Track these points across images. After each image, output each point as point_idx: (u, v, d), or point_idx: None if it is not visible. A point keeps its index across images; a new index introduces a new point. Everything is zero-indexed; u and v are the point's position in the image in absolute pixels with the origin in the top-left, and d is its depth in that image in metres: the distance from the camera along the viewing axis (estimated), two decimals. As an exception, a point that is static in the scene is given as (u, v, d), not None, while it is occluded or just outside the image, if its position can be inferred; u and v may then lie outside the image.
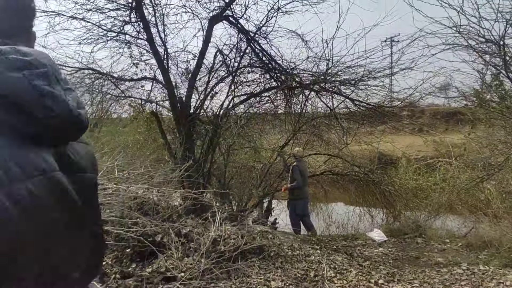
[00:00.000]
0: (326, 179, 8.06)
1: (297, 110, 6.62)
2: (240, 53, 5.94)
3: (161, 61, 5.51)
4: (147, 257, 2.73)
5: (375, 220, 5.98)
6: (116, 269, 2.40)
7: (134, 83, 7.12)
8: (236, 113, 6.14)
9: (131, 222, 2.94)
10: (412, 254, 3.73)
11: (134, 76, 6.50)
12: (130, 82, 7.14)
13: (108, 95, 8.71)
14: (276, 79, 6.20)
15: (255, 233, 3.79)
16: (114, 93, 7.72)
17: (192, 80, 5.72)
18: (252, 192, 7.16)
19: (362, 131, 7.76)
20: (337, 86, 6.07)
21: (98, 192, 0.87)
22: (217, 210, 3.34)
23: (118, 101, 10.03)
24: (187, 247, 2.86)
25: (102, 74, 6.30)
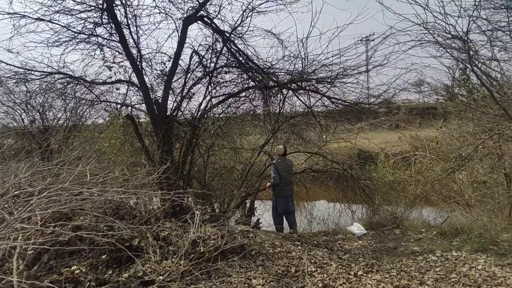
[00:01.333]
0: (307, 177, 8.15)
1: (276, 109, 6.66)
2: (216, 54, 5.91)
3: (135, 63, 5.40)
4: (124, 262, 2.65)
5: (355, 215, 6.10)
6: (91, 276, 2.32)
7: (109, 87, 6.95)
8: (214, 114, 6.11)
9: (106, 228, 2.86)
10: (390, 245, 3.83)
11: (108, 79, 6.33)
12: (104, 86, 6.96)
13: (82, 101, 8.45)
14: (254, 79, 6.21)
15: (236, 232, 3.79)
16: (88, 98, 7.50)
17: (168, 81, 5.63)
18: (233, 192, 7.14)
19: (340, 128, 7.91)
20: (314, 84, 6.15)
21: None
22: (196, 211, 3.29)
23: (93, 106, 9.76)
24: (166, 250, 2.80)
25: (74, 78, 6.08)
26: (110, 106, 8.70)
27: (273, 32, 5.91)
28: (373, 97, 6.53)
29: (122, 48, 5.48)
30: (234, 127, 6.99)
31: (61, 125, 12.06)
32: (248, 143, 8.42)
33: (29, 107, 11.18)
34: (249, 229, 3.96)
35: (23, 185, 2.71)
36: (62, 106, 11.46)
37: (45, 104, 11.38)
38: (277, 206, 5.45)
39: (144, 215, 3.23)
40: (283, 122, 6.91)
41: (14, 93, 10.11)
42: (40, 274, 2.26)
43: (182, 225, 3.43)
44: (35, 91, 8.54)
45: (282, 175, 5.36)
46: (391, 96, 6.64)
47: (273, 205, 5.41)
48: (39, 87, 7.21)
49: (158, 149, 5.18)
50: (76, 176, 3.05)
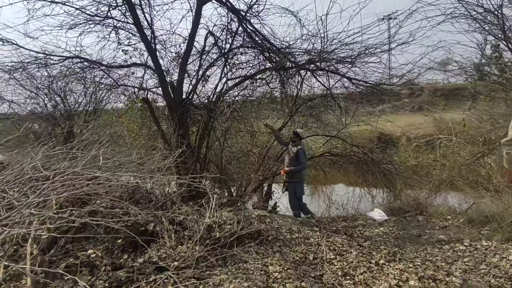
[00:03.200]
0: (326, 161, 7.97)
1: (293, 91, 6.44)
2: (231, 34, 5.71)
3: (150, 45, 5.29)
4: (139, 247, 2.64)
5: (376, 200, 5.91)
6: (107, 260, 2.32)
7: (126, 71, 6.92)
8: (230, 97, 5.98)
9: (122, 212, 2.85)
10: (413, 233, 3.66)
11: (124, 63, 6.29)
12: (121, 70, 6.94)
13: (101, 85, 8.51)
14: (271, 60, 5.99)
15: (253, 217, 3.72)
16: (106, 82, 7.52)
17: (183, 64, 5.52)
18: (250, 176, 7.09)
19: (361, 111, 7.62)
20: (334, 65, 5.87)
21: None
22: (211, 196, 3.23)
23: (111, 90, 9.84)
24: (181, 235, 2.77)
25: (91, 62, 6.07)
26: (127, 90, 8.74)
27: (291, 10, 5.63)
28: (396, 78, 6.18)
29: (136, 30, 5.39)
30: (251, 110, 6.85)
31: (82, 110, 12.29)
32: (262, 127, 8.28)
33: (51, 92, 11.41)
34: (266, 214, 3.88)
35: (38, 168, 2.72)
36: (82, 91, 11.67)
37: (66, 89, 11.60)
38: (297, 191, 5.33)
39: (160, 199, 3.20)
40: (301, 105, 6.69)
41: (36, 78, 10.34)
42: (56, 258, 2.27)
43: (198, 209, 3.40)
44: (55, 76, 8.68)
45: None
46: (415, 76, 6.26)
47: (292, 190, 5.27)
48: (59, 72, 7.31)
49: (174, 133, 5.14)
50: (92, 160, 3.03)
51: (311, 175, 8.51)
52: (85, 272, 2.23)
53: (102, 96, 11.94)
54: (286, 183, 5.26)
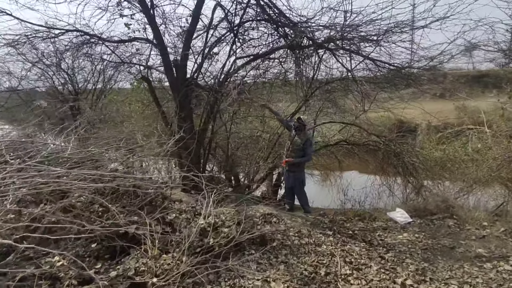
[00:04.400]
0: (341, 149, 7.39)
1: (309, 73, 5.80)
2: (242, 6, 5.09)
3: (150, 15, 4.76)
4: (118, 253, 2.23)
5: (397, 197, 5.35)
6: (73, 272, 1.91)
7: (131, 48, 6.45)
8: (239, 77, 5.41)
9: (102, 209, 2.43)
10: (445, 243, 3.12)
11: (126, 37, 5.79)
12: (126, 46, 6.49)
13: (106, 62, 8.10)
14: (286, 37, 5.35)
15: (257, 216, 3.26)
16: (112, 60, 7.08)
17: (187, 38, 4.98)
18: (259, 164, 6.62)
19: (380, 96, 6.92)
20: (356, 44, 5.18)
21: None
22: (206, 191, 2.77)
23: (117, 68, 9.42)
24: (168, 239, 2.33)
25: (91, 36, 5.61)
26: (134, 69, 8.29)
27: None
28: (426, 60, 5.45)
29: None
30: (261, 93, 6.29)
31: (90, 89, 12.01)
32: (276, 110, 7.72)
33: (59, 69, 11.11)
34: (272, 212, 3.41)
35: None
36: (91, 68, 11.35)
37: (73, 66, 11.29)
38: (304, 182, 4.90)
39: (149, 193, 2.75)
40: (317, 88, 6.07)
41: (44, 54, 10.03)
42: (9, 268, 1.87)
43: (194, 206, 2.95)
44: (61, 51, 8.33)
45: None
46: (448, 59, 5.50)
47: (299, 181, 4.82)
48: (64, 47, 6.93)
49: (175, 115, 4.68)
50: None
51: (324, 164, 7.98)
52: (44, 287, 1.83)
53: (111, 75, 11.59)
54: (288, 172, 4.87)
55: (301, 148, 4.69)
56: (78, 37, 5.76)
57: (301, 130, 4.78)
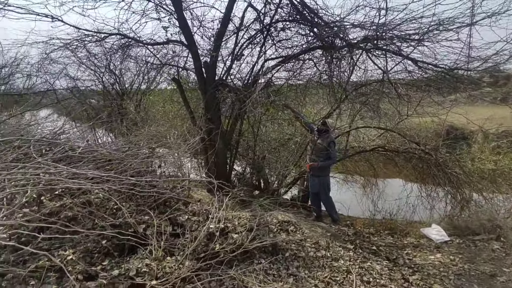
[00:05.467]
0: (377, 156, 6.95)
1: (343, 75, 5.53)
2: (274, 7, 5.00)
3: (182, 18, 4.87)
4: (127, 251, 2.26)
5: (435, 210, 4.87)
6: (80, 267, 1.96)
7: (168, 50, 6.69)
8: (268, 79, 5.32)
9: (116, 207, 2.50)
10: (485, 269, 2.73)
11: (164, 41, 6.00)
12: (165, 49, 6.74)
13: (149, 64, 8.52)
14: (319, 36, 5.16)
15: (273, 223, 3.14)
16: (154, 62, 7.43)
17: (217, 40, 5.00)
18: (288, 168, 6.46)
19: (427, 100, 6.37)
20: (395, 43, 4.83)
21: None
22: (217, 194, 2.72)
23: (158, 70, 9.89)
24: (175, 242, 2.32)
25: (130, 38, 5.91)
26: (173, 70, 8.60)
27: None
28: (478, 61, 4.90)
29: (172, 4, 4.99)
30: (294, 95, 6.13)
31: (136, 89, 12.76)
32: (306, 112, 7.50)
33: (107, 70, 11.96)
34: (291, 220, 3.27)
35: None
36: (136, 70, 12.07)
37: (121, 68, 12.07)
38: (329, 187, 4.72)
39: (163, 194, 2.77)
40: (351, 91, 5.76)
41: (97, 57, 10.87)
42: (22, 259, 1.97)
43: (206, 209, 2.92)
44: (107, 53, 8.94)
45: None
46: (506, 59, 4.90)
47: (323, 186, 4.64)
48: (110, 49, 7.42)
49: (202, 116, 4.72)
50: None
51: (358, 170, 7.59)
52: (52, 279, 1.90)
53: (153, 76, 12.21)
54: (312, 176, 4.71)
55: (324, 151, 4.53)
56: (120, 40, 6.10)
57: (324, 133, 4.60)
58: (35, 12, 4.73)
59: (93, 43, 6.77)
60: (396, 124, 6.57)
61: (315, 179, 4.72)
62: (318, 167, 4.59)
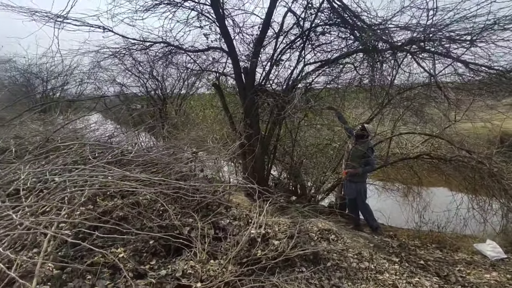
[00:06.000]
0: (421, 164, 6.58)
1: (386, 78, 5.33)
2: (314, 11, 4.96)
3: (223, 26, 5.00)
4: (173, 251, 2.35)
5: (489, 224, 4.49)
6: (131, 265, 2.07)
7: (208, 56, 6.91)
8: (307, 83, 5.28)
9: (163, 208, 2.61)
10: (551, 293, 2.47)
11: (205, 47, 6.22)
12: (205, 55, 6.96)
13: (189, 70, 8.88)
14: (360, 40, 5.03)
15: (314, 231, 3.10)
16: (194, 68, 7.72)
17: (257, 46, 5.07)
18: (326, 174, 6.34)
19: (477, 104, 5.93)
20: (443, 45, 4.58)
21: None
22: (262, 199, 2.73)
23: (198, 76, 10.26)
24: (218, 245, 2.37)
25: (174, 46, 6.19)
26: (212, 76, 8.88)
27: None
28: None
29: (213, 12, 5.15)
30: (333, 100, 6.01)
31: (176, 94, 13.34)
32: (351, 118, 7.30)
33: (151, 76, 12.64)
34: (331, 228, 3.19)
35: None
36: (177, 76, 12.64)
37: (163, 74, 12.70)
38: (365, 194, 4.58)
39: (206, 197, 2.84)
40: (395, 95, 5.53)
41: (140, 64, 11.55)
42: (80, 254, 2.13)
43: (247, 214, 2.95)
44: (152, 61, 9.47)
45: None
46: None
47: (363, 193, 4.51)
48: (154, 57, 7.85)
49: (241, 121, 4.80)
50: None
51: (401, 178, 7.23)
52: (106, 275, 2.03)
53: (193, 81, 12.69)
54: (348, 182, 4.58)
55: (362, 157, 4.41)
56: (164, 47, 6.41)
57: (363, 138, 4.47)
58: (89, 23, 5.13)
59: (138, 51, 7.20)
60: (443, 130, 6.18)
61: (352, 185, 4.63)
62: (355, 174, 4.49)
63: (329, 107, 5.44)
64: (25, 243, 1.93)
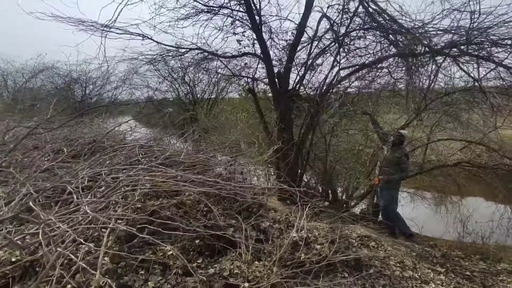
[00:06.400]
0: (461, 172, 6.31)
1: (424, 83, 5.18)
2: (349, 16, 4.95)
3: (259, 32, 5.10)
4: (217, 251, 2.42)
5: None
6: (180, 262, 2.17)
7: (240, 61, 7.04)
8: (342, 88, 5.24)
9: (206, 210, 2.70)
10: None
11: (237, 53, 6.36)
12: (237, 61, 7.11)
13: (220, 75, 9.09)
14: (397, 44, 4.95)
15: (353, 237, 3.07)
16: (225, 73, 7.90)
17: (291, 51, 5.13)
18: (359, 180, 6.23)
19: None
20: (486, 49, 4.41)
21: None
22: (301, 203, 2.76)
23: (229, 80, 10.47)
24: (261, 247, 2.41)
25: (209, 53, 6.36)
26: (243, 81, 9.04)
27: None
28: None
29: (248, 19, 5.27)
30: (366, 104, 5.93)
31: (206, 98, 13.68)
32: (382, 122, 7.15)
33: (183, 81, 13.07)
34: (371, 235, 3.15)
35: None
36: (207, 81, 13.00)
37: (194, 79, 13.11)
38: (397, 201, 4.49)
39: (246, 200, 2.91)
40: (433, 100, 5.36)
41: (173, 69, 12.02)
42: (133, 250, 2.25)
43: (288, 216, 2.99)
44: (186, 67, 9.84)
45: None
46: None
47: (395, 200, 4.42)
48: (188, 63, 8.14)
49: (276, 126, 4.85)
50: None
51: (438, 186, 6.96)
52: (157, 271, 2.13)
53: (223, 86, 12.97)
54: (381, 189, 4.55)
55: (397, 164, 4.32)
56: (199, 54, 6.62)
57: (398, 145, 4.38)
58: (129, 32, 5.42)
59: (173, 58, 7.45)
60: (484, 136, 5.90)
61: (384, 191, 4.54)
62: (388, 180, 4.41)
63: (364, 112, 5.38)
64: (87, 236, 2.07)
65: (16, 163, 2.67)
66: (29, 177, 2.26)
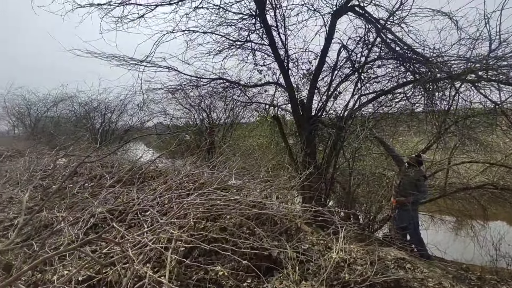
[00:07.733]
0: (485, 194, 6.29)
1: (442, 107, 5.34)
2: (367, 46, 5.25)
3: (282, 64, 5.43)
4: (263, 272, 2.54)
5: None
6: (232, 282, 2.30)
7: (259, 89, 7.37)
8: (363, 114, 5.45)
9: (248, 232, 2.85)
10: None
11: (259, 82, 6.69)
12: (255, 88, 7.45)
13: (237, 102, 9.44)
14: (413, 71, 5.18)
15: (389, 259, 3.14)
16: (242, 100, 8.22)
17: (313, 80, 5.41)
18: (382, 203, 6.25)
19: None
20: (505, 73, 4.59)
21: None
22: (339, 225, 2.88)
23: (246, 107, 10.82)
24: (305, 267, 2.53)
25: (231, 82, 6.71)
26: (259, 107, 9.38)
27: (444, 11, 4.76)
28: None
29: (271, 51, 5.62)
30: (385, 129, 6.08)
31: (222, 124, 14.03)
32: (401, 146, 7.25)
33: (200, 109, 13.51)
34: (405, 257, 3.21)
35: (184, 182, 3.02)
36: (223, 107, 13.40)
37: (211, 106, 13.54)
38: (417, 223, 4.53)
39: (284, 223, 3.06)
40: (453, 123, 5.48)
41: (190, 97, 12.49)
42: (189, 269, 2.40)
43: (323, 239, 3.10)
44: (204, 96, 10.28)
45: None
46: None
47: (416, 222, 4.47)
48: (207, 92, 8.53)
49: (301, 151, 5.03)
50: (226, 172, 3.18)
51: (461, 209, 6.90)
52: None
53: (238, 112, 13.34)
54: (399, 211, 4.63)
55: (414, 185, 4.40)
56: (221, 83, 6.97)
57: (415, 166, 4.52)
58: (156, 64, 5.83)
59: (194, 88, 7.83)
60: (505, 158, 5.95)
61: (403, 213, 4.59)
62: (406, 202, 4.49)
63: (375, 137, 5.52)
64: (150, 256, 2.24)
65: (81, 188, 2.91)
66: (101, 201, 2.48)
